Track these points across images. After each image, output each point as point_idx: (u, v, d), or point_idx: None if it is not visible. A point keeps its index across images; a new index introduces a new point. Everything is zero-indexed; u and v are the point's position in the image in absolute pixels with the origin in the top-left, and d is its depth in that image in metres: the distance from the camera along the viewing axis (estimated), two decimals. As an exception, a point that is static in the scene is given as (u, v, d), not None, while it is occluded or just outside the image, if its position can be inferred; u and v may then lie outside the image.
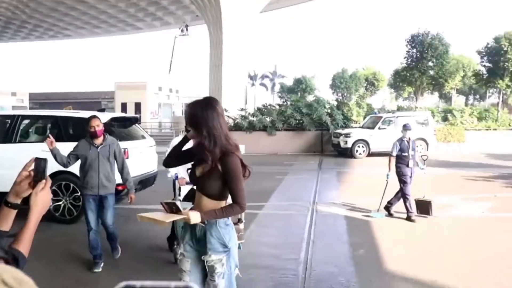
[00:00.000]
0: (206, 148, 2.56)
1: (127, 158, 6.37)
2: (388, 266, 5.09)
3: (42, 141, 5.92)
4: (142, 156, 7.75)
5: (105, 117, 6.93)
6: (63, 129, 7.43)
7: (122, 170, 5.22)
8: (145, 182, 7.79)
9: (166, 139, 23.13)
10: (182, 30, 42.27)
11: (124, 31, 49.01)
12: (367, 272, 4.92)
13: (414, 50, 30.06)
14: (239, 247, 4.84)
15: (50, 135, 5.02)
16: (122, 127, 7.80)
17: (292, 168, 13.92)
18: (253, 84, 59.90)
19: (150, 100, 36.60)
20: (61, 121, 7.52)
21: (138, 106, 36.09)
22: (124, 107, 35.51)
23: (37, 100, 47.42)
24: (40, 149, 6.26)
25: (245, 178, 2.66)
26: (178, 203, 2.66)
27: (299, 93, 38.74)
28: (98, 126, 4.91)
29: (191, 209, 2.67)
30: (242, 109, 21.36)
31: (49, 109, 10.36)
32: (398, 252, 5.62)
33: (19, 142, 7.38)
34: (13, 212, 1.59)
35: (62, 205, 6.93)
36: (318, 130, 18.84)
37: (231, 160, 2.56)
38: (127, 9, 39.26)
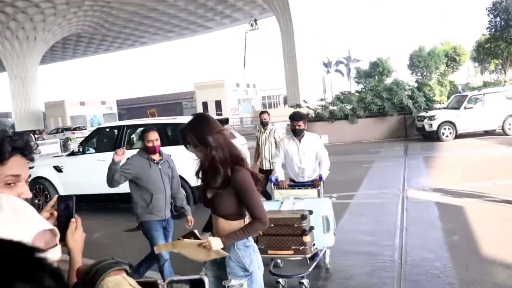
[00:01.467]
0: (214, 165, 2.47)
1: None
2: (484, 251, 5.18)
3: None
4: None
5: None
6: (164, 134, 8.35)
7: (178, 189, 4.59)
8: None
9: (248, 134, 24.08)
10: (251, 25, 43.17)
11: (196, 32, 50.91)
12: (463, 258, 5.09)
13: (498, 19, 28.49)
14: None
15: (123, 147, 4.73)
16: None
17: (378, 156, 14.10)
18: (328, 71, 59.62)
19: (229, 97, 37.93)
20: (161, 127, 8.44)
21: (218, 104, 37.58)
22: (205, 106, 37.13)
23: (124, 106, 50.78)
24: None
25: (257, 188, 2.54)
26: (196, 232, 2.55)
27: (376, 77, 38.12)
28: (156, 140, 4.26)
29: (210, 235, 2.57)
30: (321, 99, 21.66)
31: (136, 114, 11.56)
32: (494, 237, 5.68)
33: (128, 149, 8.48)
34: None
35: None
36: (400, 115, 18.68)
37: (239, 176, 2.46)
38: (196, 11, 40.82)
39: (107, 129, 9.49)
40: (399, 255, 5.36)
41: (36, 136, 29.00)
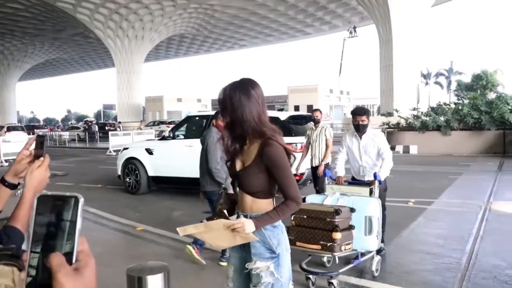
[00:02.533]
0: (239, 132, 2.31)
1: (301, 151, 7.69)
2: None
3: None
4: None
5: (284, 115, 8.57)
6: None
7: (210, 165, 5.15)
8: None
9: (337, 139, 24.05)
10: (350, 32, 42.93)
11: (295, 37, 51.56)
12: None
13: None
14: (381, 251, 4.96)
15: None
16: (298, 124, 8.91)
17: (468, 169, 13.52)
18: (427, 83, 57.41)
19: (321, 102, 37.99)
20: None
21: (310, 109, 37.82)
22: (296, 109, 37.58)
23: (218, 105, 52.76)
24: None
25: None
26: (226, 212, 2.39)
27: (478, 90, 36.10)
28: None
29: (237, 218, 2.36)
30: (414, 109, 21.10)
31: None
32: None
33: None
34: (8, 192, 1.57)
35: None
36: (499, 129, 17.68)
37: (272, 150, 2.25)
38: (296, 16, 41.40)
39: (197, 118, 10.13)
40: (468, 259, 5.27)
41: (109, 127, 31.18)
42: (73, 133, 36.27)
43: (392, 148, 19.96)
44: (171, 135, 9.87)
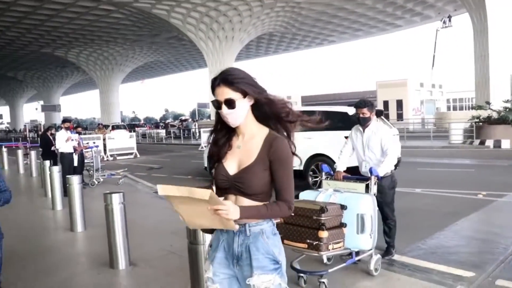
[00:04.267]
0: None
1: None
2: None
3: (304, 131, 8.80)
4: None
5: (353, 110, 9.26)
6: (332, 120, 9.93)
7: None
8: None
9: (428, 135, 23.73)
10: (444, 22, 41.44)
11: (384, 30, 50.63)
12: None
13: None
14: (390, 253, 5.05)
15: None
16: None
17: None
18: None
19: (411, 97, 37.22)
20: (332, 114, 9.96)
21: (399, 104, 37.23)
22: (385, 104, 37.15)
23: (308, 102, 53.36)
24: (302, 137, 9.13)
25: None
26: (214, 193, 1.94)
27: None
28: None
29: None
30: (507, 101, 20.32)
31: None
32: None
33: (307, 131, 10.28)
34: None
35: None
36: None
37: (283, 145, 2.08)
38: (384, 9, 40.78)
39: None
40: (517, 246, 5.46)
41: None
42: (160, 131, 39.01)
43: (482, 143, 19.44)
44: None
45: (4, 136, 55.45)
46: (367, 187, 4.63)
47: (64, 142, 11.26)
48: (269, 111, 2.12)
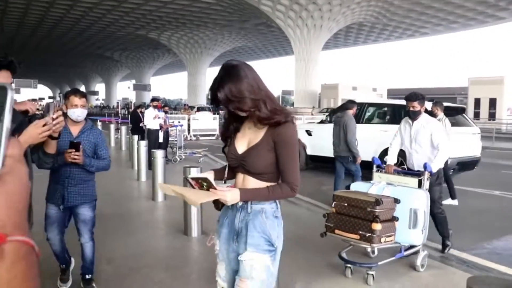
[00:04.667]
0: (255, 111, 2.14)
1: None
2: None
3: (381, 123, 8.86)
4: (464, 141, 9.05)
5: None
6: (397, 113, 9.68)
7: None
8: (464, 164, 9.07)
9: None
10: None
11: (483, 23, 47.78)
12: None
13: None
14: (445, 248, 5.03)
15: None
16: (449, 115, 9.30)
17: None
18: None
19: (507, 95, 35.01)
20: (395, 107, 9.82)
21: (492, 102, 35.16)
22: (477, 102, 35.28)
23: (394, 95, 51.91)
24: (378, 130, 9.10)
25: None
26: (211, 178, 2.14)
27: None
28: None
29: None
30: None
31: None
32: None
33: (365, 123, 10.12)
34: (55, 142, 2.68)
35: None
36: None
37: (287, 129, 2.17)
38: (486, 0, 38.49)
39: (354, 105, 11.13)
40: None
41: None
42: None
43: None
44: (329, 118, 11.05)
45: (99, 112, 59.50)
46: (419, 182, 4.61)
47: (151, 119, 12.13)
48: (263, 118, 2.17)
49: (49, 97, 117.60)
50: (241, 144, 2.26)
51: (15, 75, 2.43)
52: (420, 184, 4.60)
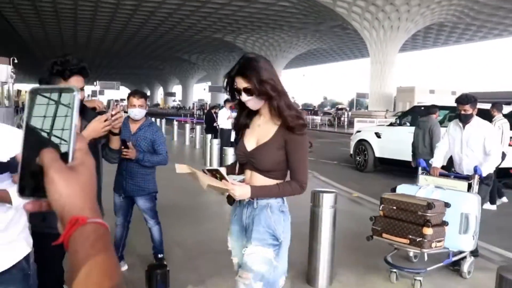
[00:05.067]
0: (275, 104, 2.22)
1: None
2: None
3: None
4: None
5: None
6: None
7: None
8: None
9: None
10: None
11: None
12: None
13: None
14: (475, 254, 4.69)
15: None
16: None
17: None
18: None
19: None
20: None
21: None
22: None
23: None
24: None
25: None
26: (223, 171, 2.21)
27: None
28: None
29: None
30: None
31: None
32: None
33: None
34: (117, 138, 2.71)
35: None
36: None
37: (300, 132, 2.24)
38: None
39: (422, 108, 11.01)
40: None
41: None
42: (315, 117, 39.93)
43: None
44: (398, 121, 11.06)
45: (175, 112, 62.09)
46: (469, 186, 4.50)
47: (225, 119, 12.77)
48: (276, 105, 2.23)
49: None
50: (250, 141, 2.32)
51: (87, 78, 2.60)
52: (469, 188, 4.49)
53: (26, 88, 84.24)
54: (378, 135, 11.36)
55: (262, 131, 2.29)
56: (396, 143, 10.68)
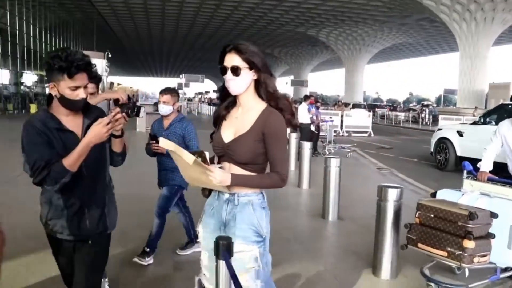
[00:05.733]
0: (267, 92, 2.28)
1: None
2: None
3: None
4: None
5: None
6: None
7: None
8: None
9: None
10: None
11: None
12: None
13: None
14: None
15: None
16: None
17: None
18: None
19: None
20: None
21: None
22: None
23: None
24: None
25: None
26: (207, 154, 2.19)
27: None
28: None
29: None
30: None
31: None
32: None
33: None
34: (119, 140, 2.47)
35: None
36: None
37: (277, 121, 2.24)
38: None
39: (510, 106, 10.63)
40: None
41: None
42: (399, 113, 38.98)
43: None
44: (481, 120, 10.78)
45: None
46: None
47: (304, 114, 13.10)
48: (267, 91, 2.29)
49: (213, 91, 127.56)
50: (228, 133, 2.31)
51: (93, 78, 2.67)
52: None
53: (118, 80, 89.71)
54: (460, 133, 11.12)
55: (240, 123, 2.28)
56: (479, 142, 10.40)
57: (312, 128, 13.61)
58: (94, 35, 50.54)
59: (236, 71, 2.22)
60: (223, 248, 1.84)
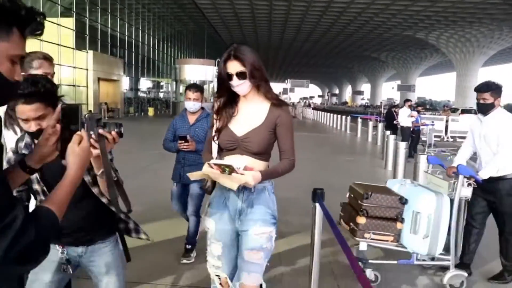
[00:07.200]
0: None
1: None
2: None
3: None
4: None
5: None
6: None
7: None
8: None
9: None
10: None
11: None
12: None
13: None
14: (467, 271, 4.13)
15: None
16: None
17: None
18: None
19: None
20: None
21: None
22: None
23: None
24: None
25: None
26: (234, 163, 2.28)
27: None
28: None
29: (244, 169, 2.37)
30: None
31: None
32: None
33: None
34: (26, 176, 1.45)
35: None
36: None
37: (288, 113, 2.54)
38: None
39: None
40: None
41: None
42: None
43: None
44: None
45: (362, 110, 63.06)
46: (449, 185, 4.14)
47: (405, 117, 13.73)
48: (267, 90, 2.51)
49: (318, 96, 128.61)
50: (238, 127, 2.48)
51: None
52: (450, 187, 4.12)
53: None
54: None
55: (251, 116, 2.49)
56: None
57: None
58: (204, 43, 53.97)
59: (242, 75, 2.41)
60: (319, 195, 2.65)
